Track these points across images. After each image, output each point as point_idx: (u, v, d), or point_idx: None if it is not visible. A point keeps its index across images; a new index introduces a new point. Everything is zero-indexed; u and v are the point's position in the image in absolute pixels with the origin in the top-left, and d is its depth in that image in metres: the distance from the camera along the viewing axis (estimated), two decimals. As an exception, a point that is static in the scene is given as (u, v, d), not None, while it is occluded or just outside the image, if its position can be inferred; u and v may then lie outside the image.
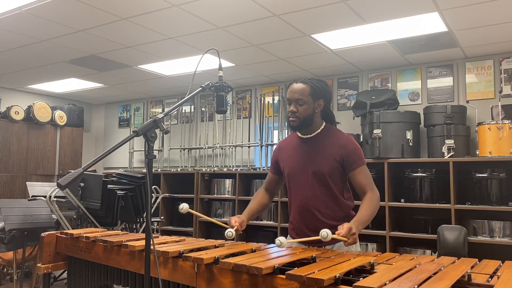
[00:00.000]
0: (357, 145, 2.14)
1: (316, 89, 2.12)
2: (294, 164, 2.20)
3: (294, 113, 2.12)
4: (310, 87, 2.12)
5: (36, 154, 6.25)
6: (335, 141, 2.13)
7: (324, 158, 2.11)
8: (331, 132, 2.18)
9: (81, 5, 3.45)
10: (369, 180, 2.10)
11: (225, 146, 5.95)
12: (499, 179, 3.87)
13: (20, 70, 5.46)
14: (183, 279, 1.74)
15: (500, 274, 1.42)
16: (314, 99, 2.13)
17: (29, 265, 4.40)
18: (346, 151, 2.10)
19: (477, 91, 4.58)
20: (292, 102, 2.13)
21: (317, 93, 2.12)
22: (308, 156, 2.16)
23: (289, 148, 2.26)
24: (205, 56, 2.35)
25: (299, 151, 2.20)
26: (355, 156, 2.10)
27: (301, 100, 2.10)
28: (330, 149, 2.12)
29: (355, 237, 1.85)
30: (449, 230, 3.78)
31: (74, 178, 1.47)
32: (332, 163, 2.10)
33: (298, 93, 2.11)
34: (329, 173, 2.10)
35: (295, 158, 2.20)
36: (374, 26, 3.79)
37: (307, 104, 2.11)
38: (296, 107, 2.11)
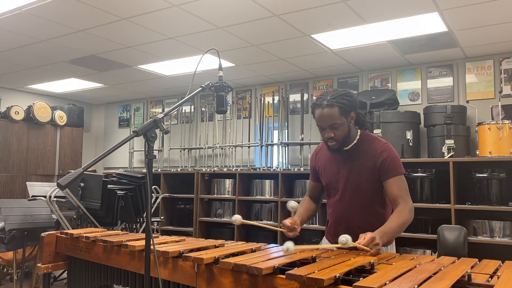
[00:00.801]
0: (394, 153, 2.05)
1: (345, 106, 1.99)
2: (331, 175, 2.16)
3: (332, 138, 2.02)
4: (339, 107, 1.98)
5: (36, 154, 6.25)
6: (371, 151, 2.06)
7: (361, 169, 2.06)
8: (367, 141, 2.10)
9: (81, 5, 3.45)
10: (403, 192, 2.00)
11: (225, 146, 5.95)
12: (499, 179, 3.86)
13: (20, 70, 5.46)
14: (183, 279, 1.73)
15: (500, 274, 1.42)
16: (346, 116, 2.01)
17: (29, 265, 4.40)
18: (381, 160, 2.01)
19: (477, 91, 4.58)
20: (326, 128, 2.02)
21: (346, 110, 2.00)
22: (344, 168, 2.10)
23: (326, 158, 2.21)
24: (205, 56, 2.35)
25: (336, 163, 2.14)
26: (390, 165, 2.01)
27: (335, 124, 1.99)
28: (367, 160, 2.05)
29: (378, 248, 1.76)
30: (449, 230, 3.77)
31: (74, 178, 1.47)
32: (368, 175, 2.04)
33: (329, 119, 1.98)
34: (366, 184, 2.05)
35: (332, 169, 2.15)
36: (374, 26, 3.79)
37: (342, 126, 2.00)
38: (332, 132, 2.01)
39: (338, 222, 2.15)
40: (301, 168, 5.10)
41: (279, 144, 5.44)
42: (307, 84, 5.64)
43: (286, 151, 5.42)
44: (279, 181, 4.93)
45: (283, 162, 5.39)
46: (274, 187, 5.11)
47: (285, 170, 5.08)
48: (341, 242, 1.70)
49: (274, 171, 5.13)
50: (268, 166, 5.41)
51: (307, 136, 5.35)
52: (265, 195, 5.18)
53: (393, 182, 1.99)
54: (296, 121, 5.55)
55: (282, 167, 5.30)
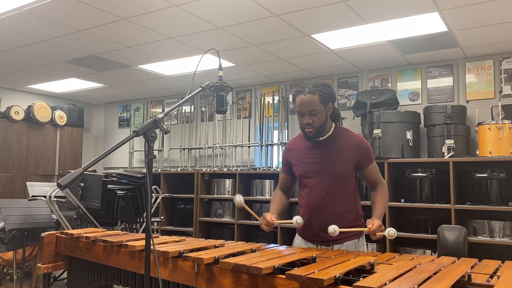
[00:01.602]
0: (368, 143, 2.24)
1: (324, 95, 2.13)
2: (307, 166, 2.22)
3: (309, 124, 2.14)
4: (319, 95, 2.12)
5: (36, 154, 6.25)
6: (348, 142, 2.18)
7: (339, 160, 2.16)
8: (341, 133, 2.23)
9: (81, 5, 3.45)
10: (379, 175, 2.24)
11: (225, 146, 5.95)
12: (499, 179, 3.87)
13: (20, 70, 5.46)
14: (183, 279, 1.74)
15: (500, 274, 1.42)
16: (325, 105, 2.14)
17: (29, 265, 4.40)
18: (360, 152, 2.17)
19: (477, 91, 4.58)
20: (304, 114, 2.13)
21: (326, 99, 2.14)
22: (321, 158, 2.19)
23: (300, 150, 2.28)
24: (205, 56, 2.35)
25: (312, 153, 2.22)
26: (368, 155, 2.20)
27: (314, 110, 2.11)
28: (345, 151, 2.17)
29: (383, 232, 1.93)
30: (449, 230, 3.78)
31: (74, 178, 1.47)
32: (347, 165, 2.16)
33: (309, 105, 2.11)
34: (345, 174, 2.16)
35: (308, 160, 2.22)
36: (374, 26, 3.79)
37: (320, 113, 2.13)
38: (310, 118, 2.12)
39: (313, 210, 2.20)
40: (301, 168, 5.09)
41: (279, 144, 5.44)
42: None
43: (286, 151, 5.41)
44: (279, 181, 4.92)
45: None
46: (274, 187, 5.11)
47: (285, 170, 5.07)
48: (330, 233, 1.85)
49: (274, 171, 5.13)
50: (268, 166, 5.41)
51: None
52: (265, 195, 5.18)
53: (371, 168, 2.22)
54: (296, 121, 5.52)
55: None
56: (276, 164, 5.51)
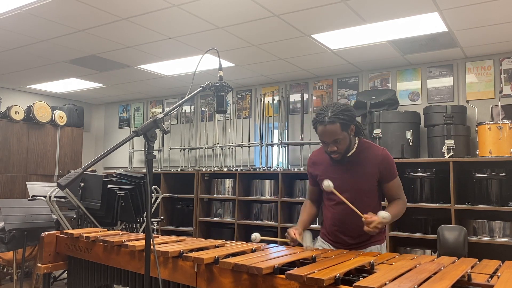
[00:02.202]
0: (391, 158, 2.23)
1: (345, 122, 2.08)
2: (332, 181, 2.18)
3: (335, 151, 2.13)
4: (340, 124, 2.07)
5: (36, 154, 6.25)
6: (372, 157, 2.19)
7: (362, 176, 2.17)
8: (366, 148, 2.22)
9: (81, 5, 3.45)
10: (400, 191, 2.24)
11: (225, 146, 5.95)
12: (499, 179, 3.86)
13: (20, 70, 5.46)
14: (183, 279, 1.73)
15: (500, 274, 1.42)
16: (347, 130, 2.11)
17: (29, 265, 4.40)
18: (383, 167, 2.17)
19: (477, 91, 4.58)
20: (329, 143, 2.11)
21: (347, 124, 2.10)
22: (345, 174, 2.19)
23: (325, 165, 2.27)
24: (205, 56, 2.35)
25: (336, 168, 2.22)
26: (390, 170, 2.20)
27: (337, 139, 2.09)
28: (368, 167, 2.17)
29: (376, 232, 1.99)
30: (449, 230, 3.77)
31: (74, 178, 1.47)
32: (370, 181, 2.18)
33: (332, 135, 2.08)
34: (368, 190, 2.18)
35: (332, 175, 2.20)
36: (374, 26, 3.79)
37: (344, 139, 2.11)
38: (335, 146, 2.11)
39: (335, 224, 2.24)
40: (301, 168, 5.10)
41: (279, 144, 5.43)
42: (307, 84, 5.64)
43: (286, 151, 5.42)
44: (279, 181, 4.93)
45: (283, 162, 5.39)
46: (274, 187, 5.11)
47: (285, 170, 5.08)
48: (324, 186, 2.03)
49: (274, 171, 5.13)
50: (268, 166, 5.41)
51: (307, 136, 5.35)
52: (265, 195, 5.18)
53: (392, 184, 2.21)
54: (296, 121, 5.55)
55: (282, 167, 5.30)
56: (276, 164, 5.51)
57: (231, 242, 2.13)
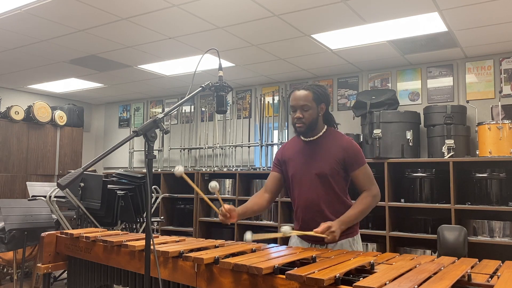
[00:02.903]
0: (357, 147, 2.23)
1: (318, 94, 2.21)
2: (297, 166, 2.27)
3: (300, 119, 2.19)
4: (313, 92, 2.20)
5: (36, 154, 6.25)
6: (336, 143, 2.21)
7: (326, 159, 2.19)
8: (332, 135, 2.26)
9: (81, 5, 3.45)
10: (368, 180, 2.21)
11: (225, 146, 5.95)
12: (499, 179, 3.87)
13: (20, 70, 5.46)
14: (183, 279, 1.74)
15: (500, 274, 1.42)
16: (317, 103, 2.21)
17: (29, 265, 4.40)
18: (347, 154, 2.18)
19: (477, 91, 4.58)
20: (297, 108, 2.20)
21: (319, 98, 2.21)
22: (310, 158, 2.23)
23: (292, 151, 2.33)
24: (205, 56, 2.35)
25: (302, 153, 2.27)
26: (355, 158, 2.19)
27: (306, 106, 2.18)
28: (332, 151, 2.19)
29: (335, 235, 1.97)
30: (449, 230, 3.78)
31: (74, 178, 1.47)
32: (333, 165, 2.17)
33: (302, 100, 2.19)
34: (331, 174, 2.17)
35: (298, 160, 2.27)
36: (374, 26, 3.79)
37: (311, 109, 2.19)
38: (301, 113, 2.19)
39: (306, 210, 2.22)
40: (301, 168, 5.09)
41: (279, 144, 5.43)
42: (307, 84, 5.63)
43: (286, 151, 5.41)
44: (279, 181, 4.93)
45: (283, 162, 5.38)
46: (274, 187, 5.10)
47: (285, 170, 5.07)
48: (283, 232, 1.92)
49: (274, 171, 5.12)
50: (268, 166, 5.41)
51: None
52: (265, 195, 5.17)
53: (358, 173, 2.19)
54: (296, 121, 5.54)
55: (282, 167, 5.29)
56: (276, 164, 5.51)
57: (231, 242, 2.14)
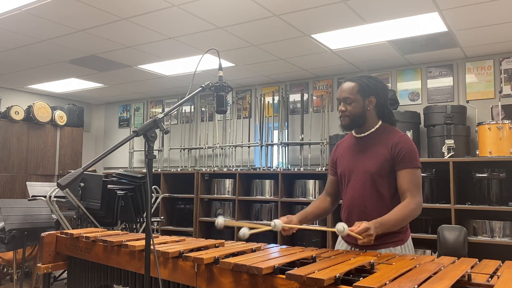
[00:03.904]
0: (410, 145, 2.02)
1: (365, 86, 2.04)
2: (346, 163, 2.14)
3: (343, 112, 2.06)
4: (358, 84, 2.04)
5: (36, 154, 6.24)
6: (388, 139, 2.04)
7: (374, 157, 2.03)
8: (386, 131, 2.09)
9: (81, 5, 3.45)
10: (413, 186, 1.96)
11: (225, 146, 5.95)
12: (499, 179, 3.86)
13: (20, 70, 5.46)
14: (183, 279, 1.73)
15: (500, 274, 1.42)
16: (364, 96, 2.04)
17: (29, 265, 4.40)
18: (396, 150, 1.99)
19: (477, 91, 4.58)
20: (341, 101, 2.08)
21: (365, 90, 2.04)
22: (360, 155, 2.09)
23: (344, 147, 2.21)
24: (205, 56, 2.35)
25: (353, 150, 2.14)
26: (405, 156, 1.98)
27: (349, 98, 2.04)
28: (382, 148, 2.03)
29: (371, 238, 1.77)
30: (449, 230, 3.77)
31: (74, 178, 1.47)
32: (380, 163, 2.00)
33: (345, 92, 2.05)
34: (379, 173, 2.00)
35: (348, 157, 2.14)
36: (374, 26, 3.79)
37: (355, 102, 2.04)
38: (345, 106, 2.06)
39: (350, 210, 2.08)
40: (301, 168, 5.10)
41: (279, 144, 5.43)
42: (307, 84, 5.64)
43: (286, 151, 5.42)
44: (279, 181, 4.93)
45: (283, 162, 5.39)
46: (274, 187, 5.11)
47: (285, 170, 5.07)
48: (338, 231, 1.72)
49: (274, 171, 5.13)
50: (268, 166, 5.41)
51: (307, 136, 5.35)
52: (265, 195, 5.18)
53: (405, 174, 1.97)
54: (296, 121, 5.55)
55: (282, 167, 5.30)
56: (276, 164, 5.51)
57: (231, 242, 2.13)
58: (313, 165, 5.21)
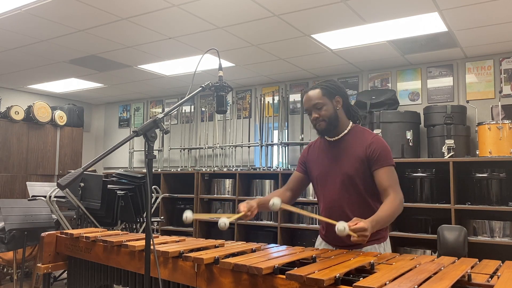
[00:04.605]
0: (383, 144, 2.06)
1: (328, 88, 2.10)
2: (322, 167, 2.16)
3: (317, 119, 2.09)
4: (321, 88, 2.10)
5: (36, 154, 6.24)
6: (361, 141, 2.07)
7: (350, 160, 2.06)
8: (358, 133, 2.13)
9: (81, 5, 3.45)
10: (393, 182, 2.01)
11: (225, 146, 5.95)
12: (499, 179, 3.86)
13: (20, 70, 5.46)
14: (183, 279, 1.73)
15: (500, 274, 1.42)
16: (330, 98, 2.10)
17: (29, 265, 4.40)
18: (371, 150, 2.03)
19: (477, 91, 4.58)
20: (311, 110, 2.11)
21: (330, 92, 2.10)
22: (335, 159, 2.12)
23: (317, 151, 2.23)
24: (205, 56, 2.35)
25: (327, 154, 2.16)
26: (380, 155, 2.02)
27: (318, 104, 2.08)
28: (356, 150, 2.06)
29: (365, 239, 1.75)
30: (449, 230, 3.77)
31: (74, 178, 1.47)
32: (357, 165, 2.04)
33: (313, 99, 2.09)
34: (356, 175, 2.04)
35: (322, 161, 2.16)
36: (374, 26, 3.79)
37: (325, 105, 2.08)
38: (317, 112, 2.09)
39: (330, 212, 2.09)
40: (301, 168, 5.09)
41: (279, 144, 5.44)
42: (307, 84, 5.64)
43: (286, 151, 5.42)
44: (279, 181, 4.93)
45: (283, 162, 5.39)
46: (274, 187, 5.11)
47: (285, 170, 5.08)
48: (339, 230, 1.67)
49: (274, 171, 5.13)
50: (268, 166, 5.41)
51: (307, 136, 5.35)
52: (265, 195, 5.17)
53: (383, 172, 2.01)
54: (296, 121, 5.55)
55: (282, 167, 5.30)
56: (276, 164, 5.51)
57: (231, 242, 2.13)
58: (313, 165, 5.20)
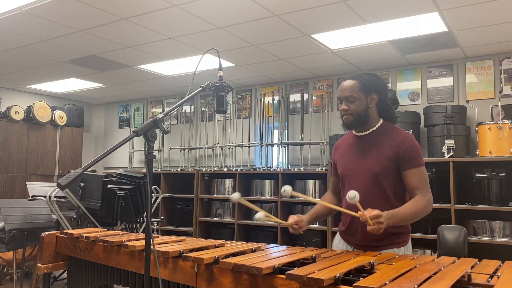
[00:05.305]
0: (414, 144, 1.98)
1: (366, 83, 2.00)
2: (347, 162, 2.10)
3: (346, 111, 2.01)
4: (360, 82, 2.01)
5: (36, 154, 6.25)
6: (391, 138, 1.99)
7: (377, 157, 1.99)
8: (388, 130, 2.04)
9: (81, 5, 3.45)
10: (423, 184, 1.95)
11: (225, 146, 5.95)
12: (499, 179, 3.86)
13: (20, 70, 5.46)
14: (183, 279, 1.73)
15: (500, 274, 1.42)
16: (366, 93, 2.01)
17: (29, 265, 4.40)
18: (402, 150, 1.95)
19: (477, 91, 4.58)
20: (342, 100, 2.03)
21: (367, 87, 2.01)
22: (361, 155, 2.04)
23: (344, 146, 2.17)
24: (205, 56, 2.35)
25: (354, 149, 2.09)
26: (410, 156, 1.95)
27: (351, 96, 2.00)
28: (385, 148, 1.98)
29: (381, 226, 1.71)
30: (449, 230, 3.77)
31: (74, 178, 1.47)
32: (385, 163, 1.96)
33: (347, 90, 2.00)
34: (381, 173, 1.96)
35: (348, 156, 2.10)
36: (374, 26, 3.79)
37: (358, 100, 2.00)
38: (347, 104, 2.01)
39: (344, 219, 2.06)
40: (301, 168, 5.10)
41: (279, 144, 5.43)
42: (307, 84, 5.64)
43: (286, 151, 5.42)
44: (279, 181, 4.93)
45: (283, 162, 5.39)
46: (274, 187, 5.11)
47: (285, 170, 5.08)
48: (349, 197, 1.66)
49: (274, 171, 5.13)
50: (268, 166, 5.41)
51: (307, 136, 5.35)
52: (265, 195, 5.18)
53: (413, 173, 1.95)
54: (296, 121, 5.55)
55: (282, 167, 5.30)
56: (276, 164, 5.51)
57: (231, 242, 2.13)
58: (313, 165, 5.21)
